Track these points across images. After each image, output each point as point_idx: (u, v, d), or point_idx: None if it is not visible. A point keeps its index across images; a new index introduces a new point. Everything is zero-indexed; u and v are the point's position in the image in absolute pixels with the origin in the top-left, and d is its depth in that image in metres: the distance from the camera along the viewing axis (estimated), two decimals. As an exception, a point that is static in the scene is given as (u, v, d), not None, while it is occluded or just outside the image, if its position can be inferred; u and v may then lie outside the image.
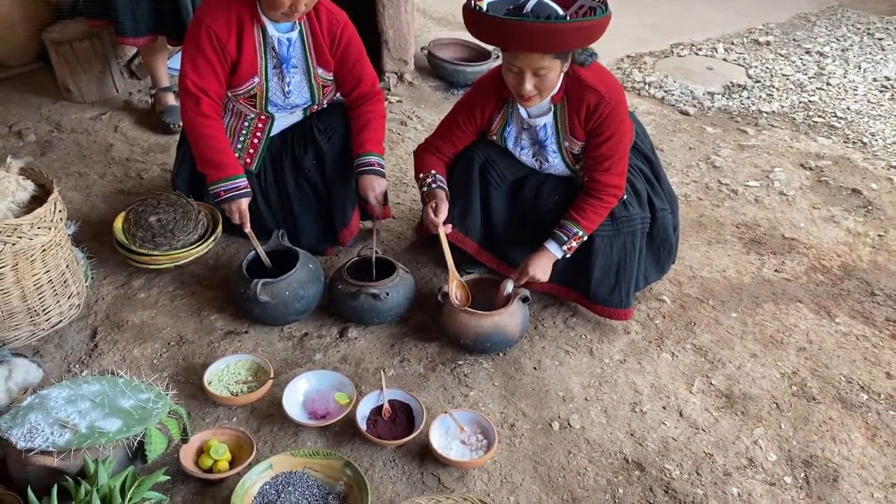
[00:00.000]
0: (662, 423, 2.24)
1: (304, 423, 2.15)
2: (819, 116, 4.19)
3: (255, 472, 1.96)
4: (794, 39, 5.27)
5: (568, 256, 2.43)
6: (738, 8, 5.84)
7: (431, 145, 2.60)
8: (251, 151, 2.72)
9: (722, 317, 2.67)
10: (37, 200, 2.34)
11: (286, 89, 2.58)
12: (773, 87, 4.53)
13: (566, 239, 2.39)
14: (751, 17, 5.66)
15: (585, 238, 2.42)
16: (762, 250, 3.04)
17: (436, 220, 2.44)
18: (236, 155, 2.61)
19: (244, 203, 2.53)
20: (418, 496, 1.88)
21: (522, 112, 2.38)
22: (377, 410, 2.20)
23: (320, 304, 2.60)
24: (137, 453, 1.90)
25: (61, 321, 2.46)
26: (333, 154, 2.73)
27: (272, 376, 2.29)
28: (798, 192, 3.45)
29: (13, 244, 2.18)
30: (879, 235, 3.15)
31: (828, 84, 4.58)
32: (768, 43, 5.19)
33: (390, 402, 2.22)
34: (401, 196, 3.31)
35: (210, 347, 2.46)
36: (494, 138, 2.51)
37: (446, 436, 2.14)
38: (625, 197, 2.44)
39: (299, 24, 2.52)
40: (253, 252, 2.58)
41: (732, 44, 5.17)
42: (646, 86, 4.52)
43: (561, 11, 2.11)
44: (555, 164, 2.47)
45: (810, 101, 4.36)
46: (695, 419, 2.26)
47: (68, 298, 2.46)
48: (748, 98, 4.40)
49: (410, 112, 4.03)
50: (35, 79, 4.09)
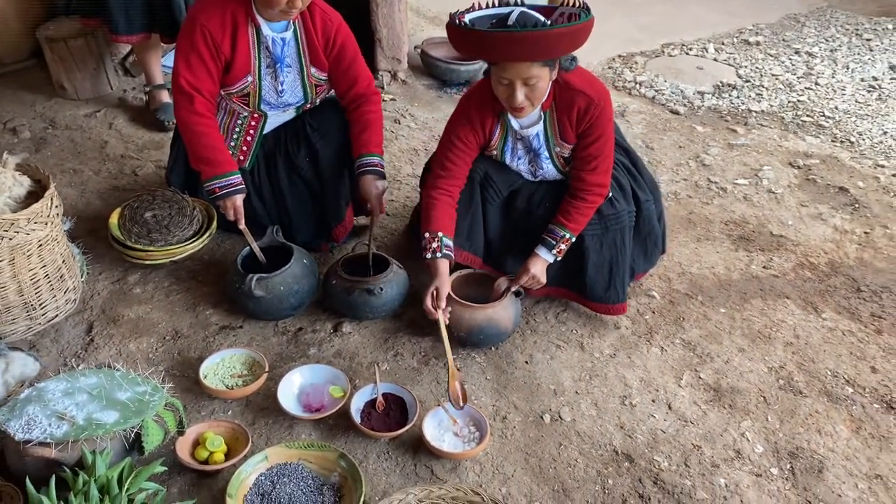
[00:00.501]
0: (651, 416, 2.28)
1: (299, 416, 2.18)
2: (807, 116, 4.24)
3: (251, 464, 1.99)
4: (784, 40, 5.32)
5: (559, 259, 2.47)
6: (729, 8, 5.89)
7: (438, 187, 2.45)
8: (244, 149, 2.75)
9: (710, 312, 2.71)
10: (33, 196, 2.36)
11: (279, 88, 2.61)
12: (763, 87, 4.57)
13: (555, 243, 2.43)
14: (741, 18, 5.71)
15: (574, 240, 2.45)
16: (750, 247, 3.09)
17: (434, 312, 2.34)
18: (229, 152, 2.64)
19: (239, 199, 2.55)
20: (411, 486, 1.91)
21: (514, 123, 2.39)
22: (371, 403, 2.23)
23: (314, 300, 2.63)
24: (134, 445, 1.92)
25: (57, 316, 2.48)
26: (326, 151, 2.75)
27: (267, 370, 2.31)
28: (786, 190, 3.50)
29: (10, 239, 2.20)
30: (866, 233, 3.20)
31: (816, 84, 4.63)
32: (758, 43, 5.24)
33: (384, 396, 2.25)
34: (394, 193, 3.34)
35: (205, 342, 2.48)
36: (495, 153, 2.49)
37: (439, 428, 2.17)
38: (610, 194, 2.48)
39: (293, 24, 2.54)
40: (247, 248, 2.60)
41: (723, 44, 5.22)
42: (637, 85, 4.56)
43: (542, 18, 2.14)
44: (548, 171, 2.50)
45: (799, 101, 4.41)
46: (683, 412, 2.30)
47: (64, 293, 2.48)
48: (738, 97, 4.44)
49: (404, 110, 4.06)
50: (29, 76, 4.10)
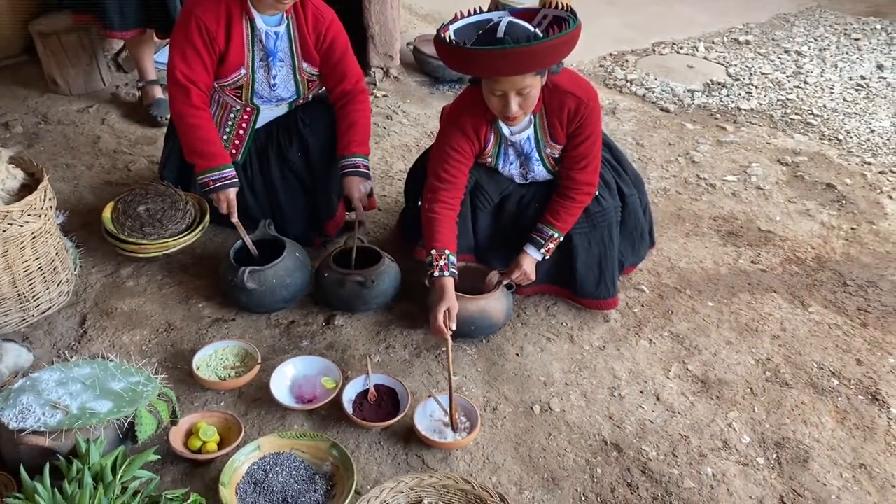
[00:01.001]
0: (640, 407, 2.31)
1: (292, 407, 2.20)
2: (796, 114, 4.28)
3: (244, 453, 2.01)
4: (774, 39, 5.37)
5: (547, 258, 2.50)
6: (719, 7, 5.93)
7: (440, 200, 2.40)
8: (237, 143, 2.76)
9: (699, 306, 2.74)
10: (26, 189, 2.37)
11: (272, 82, 2.62)
12: (752, 86, 4.61)
13: (543, 242, 2.45)
14: (731, 17, 5.76)
15: (562, 238, 2.48)
16: (739, 242, 3.12)
17: (445, 332, 2.25)
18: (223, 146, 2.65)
19: (232, 193, 2.57)
20: (403, 475, 1.93)
21: (505, 130, 2.38)
22: (363, 394, 2.26)
23: (307, 293, 2.65)
24: (128, 434, 1.93)
25: (51, 308, 2.49)
26: (318, 146, 2.78)
27: (259, 362, 2.33)
28: (774, 187, 3.54)
29: (3, 231, 2.21)
30: (852, 228, 3.24)
31: (805, 83, 4.68)
32: (748, 42, 5.28)
33: (376, 387, 2.27)
34: (386, 188, 3.36)
35: (198, 334, 2.50)
36: (489, 160, 2.48)
37: (430, 418, 2.19)
38: (598, 192, 2.50)
39: (287, 19, 2.56)
40: (240, 241, 2.62)
41: (713, 43, 5.26)
42: (627, 83, 4.59)
43: (531, 27, 2.11)
44: (538, 173, 2.51)
45: (788, 99, 4.45)
46: (671, 403, 2.33)
47: (58, 286, 2.49)
48: (727, 96, 4.48)
49: (396, 107, 4.08)
50: (21, 71, 4.10)
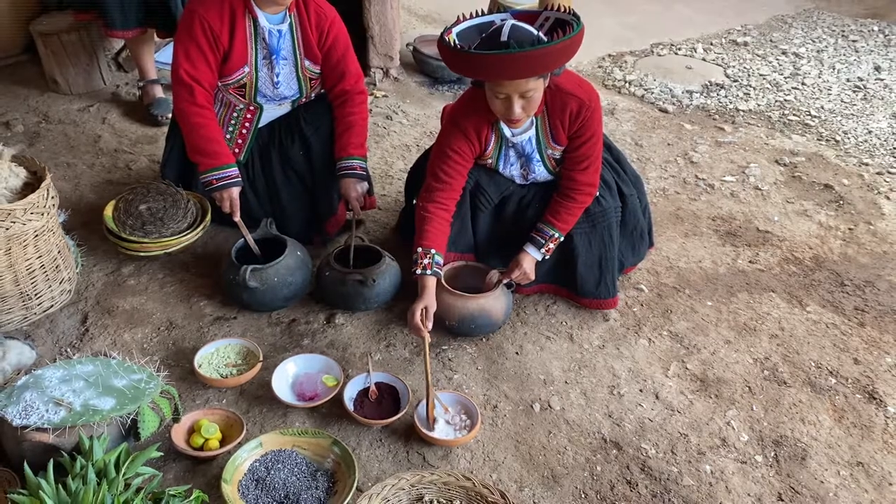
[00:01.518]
0: (639, 405, 2.33)
1: (293, 404, 2.21)
2: (794, 115, 4.30)
3: (246, 450, 2.02)
4: (771, 40, 5.39)
5: (547, 258, 2.51)
6: (717, 9, 5.96)
7: (434, 200, 2.41)
8: (239, 141, 2.77)
9: (697, 305, 2.76)
10: (29, 187, 2.39)
11: (275, 80, 2.64)
12: (750, 87, 4.63)
13: (543, 242, 2.47)
14: (729, 18, 5.78)
15: (562, 239, 2.49)
16: (737, 242, 3.14)
17: (422, 330, 2.28)
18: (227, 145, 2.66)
19: (235, 192, 2.58)
20: (404, 472, 1.94)
21: (507, 132, 2.39)
22: (364, 392, 2.27)
23: (308, 292, 2.66)
24: (130, 431, 1.95)
25: (53, 306, 2.50)
26: (320, 145, 2.79)
27: (261, 359, 2.34)
28: (772, 187, 3.56)
29: (6, 229, 2.22)
30: (850, 229, 3.26)
31: (803, 84, 4.70)
32: (746, 43, 5.30)
33: (377, 385, 2.28)
34: (386, 188, 3.38)
35: (200, 332, 2.51)
36: (489, 161, 2.49)
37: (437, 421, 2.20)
38: (598, 193, 2.51)
39: (289, 17, 2.57)
40: (242, 240, 2.63)
41: (711, 44, 5.28)
42: (626, 84, 4.61)
43: (534, 31, 2.12)
44: (539, 174, 2.52)
45: (786, 100, 4.47)
46: (670, 401, 2.34)
47: (60, 284, 2.50)
48: (726, 97, 4.50)
49: (396, 107, 4.09)
50: (22, 70, 4.11)
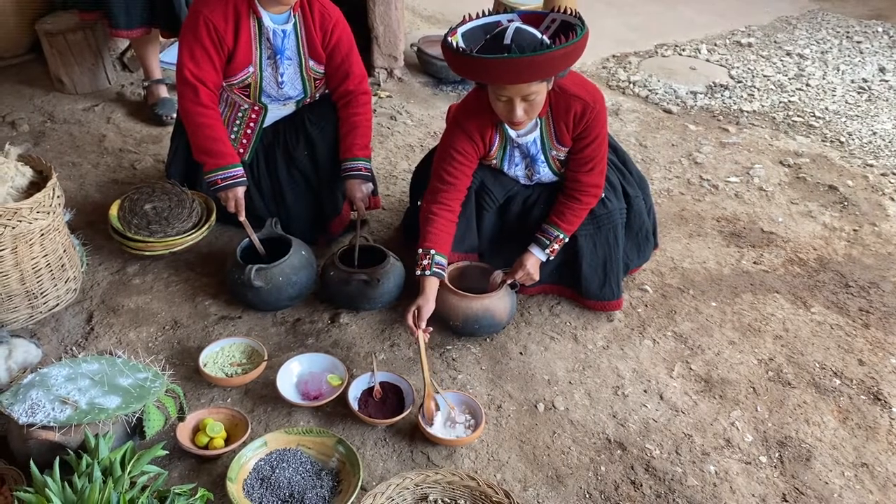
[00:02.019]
0: (643, 406, 2.33)
1: (298, 404, 2.21)
2: (798, 116, 4.29)
3: (251, 449, 2.02)
4: (776, 41, 5.39)
5: (552, 259, 2.51)
6: (721, 10, 5.96)
7: (438, 201, 2.41)
8: (244, 142, 2.78)
9: (702, 306, 2.76)
10: (35, 186, 2.40)
11: (280, 80, 2.64)
12: (755, 88, 4.63)
13: (548, 242, 2.47)
14: (733, 19, 5.78)
15: (567, 240, 2.49)
16: (741, 243, 3.14)
17: (415, 329, 2.28)
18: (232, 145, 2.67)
19: (240, 191, 2.59)
20: (408, 471, 1.94)
21: (511, 133, 2.39)
22: (368, 392, 2.27)
23: (312, 291, 2.67)
24: (136, 430, 1.95)
25: (58, 305, 2.51)
26: (325, 145, 2.79)
27: (266, 359, 2.35)
28: (777, 188, 3.56)
29: (13, 228, 2.23)
30: (854, 230, 3.25)
31: (807, 85, 4.69)
32: (750, 45, 5.30)
33: (381, 384, 2.29)
34: (390, 188, 3.38)
35: (204, 332, 2.52)
36: (494, 162, 2.49)
37: (435, 416, 2.20)
38: (603, 195, 2.52)
39: (294, 17, 2.58)
40: (247, 239, 2.63)
41: (715, 45, 5.28)
42: (630, 85, 4.61)
43: (539, 35, 2.11)
44: (544, 175, 2.52)
45: (790, 102, 4.47)
46: (675, 402, 2.34)
47: (65, 283, 2.51)
48: (730, 97, 4.50)
49: (400, 107, 4.10)
50: (28, 70, 4.13)
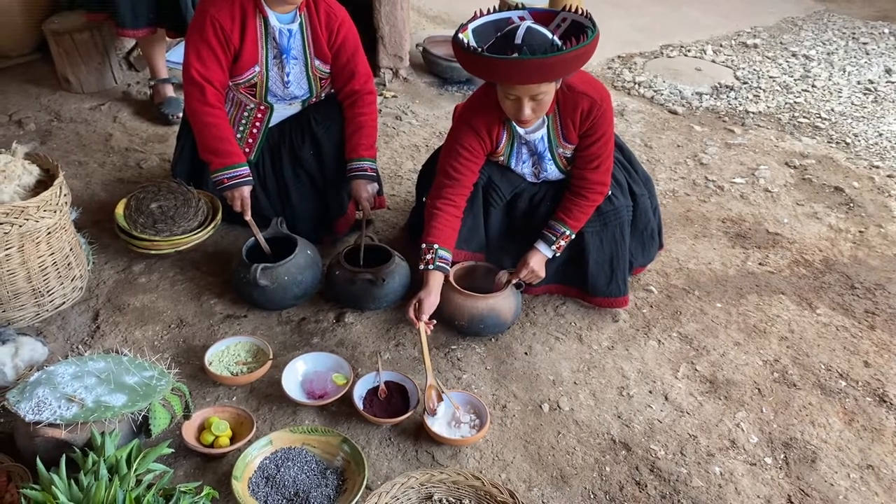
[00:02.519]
0: (648, 407, 2.32)
1: (303, 402, 2.22)
2: (804, 117, 4.29)
3: (256, 448, 2.03)
4: (781, 42, 5.38)
5: (558, 255, 2.51)
6: (726, 11, 5.95)
7: (443, 196, 2.41)
8: (250, 141, 2.79)
9: (707, 307, 2.75)
10: (41, 185, 2.40)
11: (285, 79, 2.65)
12: (760, 89, 4.63)
13: (554, 239, 2.47)
14: (738, 20, 5.77)
15: (573, 236, 2.49)
16: (747, 244, 3.13)
17: (416, 322, 2.31)
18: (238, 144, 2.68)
19: (246, 191, 2.60)
20: (413, 471, 1.95)
21: (520, 129, 2.39)
22: (373, 391, 2.27)
23: (318, 291, 2.67)
24: (142, 428, 1.96)
25: (64, 303, 2.51)
26: (330, 144, 2.80)
27: (271, 357, 2.35)
28: (782, 189, 3.55)
29: (20, 226, 2.24)
30: (860, 232, 3.25)
31: (813, 86, 4.69)
32: (756, 45, 5.29)
33: (386, 384, 2.29)
34: (396, 188, 3.39)
35: (210, 330, 2.52)
36: (501, 159, 2.49)
37: (440, 416, 2.21)
38: (610, 192, 2.52)
39: (300, 16, 2.58)
40: (253, 238, 2.64)
41: (721, 46, 5.27)
42: (636, 85, 4.61)
43: (550, 35, 2.11)
44: (551, 172, 2.52)
45: (796, 103, 4.46)
46: (680, 403, 2.34)
47: (71, 281, 2.51)
48: (735, 98, 4.50)
49: (405, 107, 4.10)
50: (34, 69, 4.14)
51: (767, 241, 3.16)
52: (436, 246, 2.37)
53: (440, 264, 2.36)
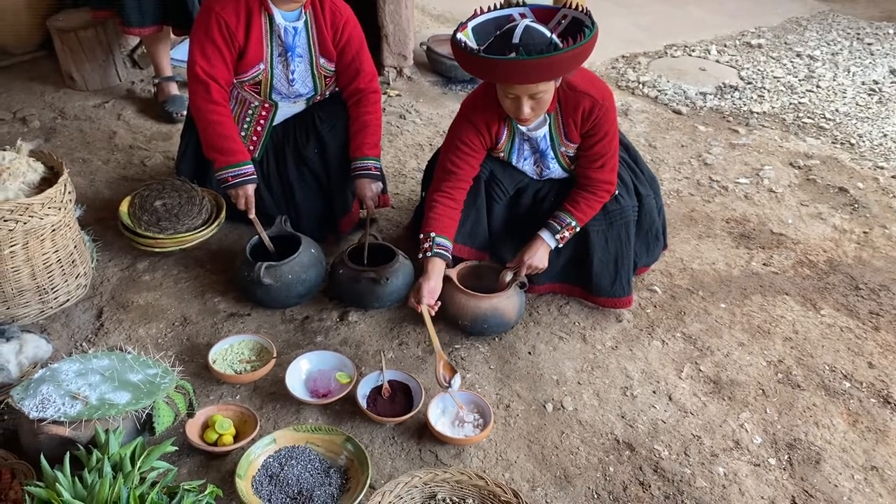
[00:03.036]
0: (652, 407, 2.32)
1: (306, 401, 2.22)
2: (808, 118, 4.28)
3: (260, 446, 2.03)
4: (786, 43, 5.37)
5: (560, 247, 2.50)
6: (731, 11, 5.94)
7: (440, 190, 2.43)
8: (254, 139, 2.79)
9: (711, 307, 2.75)
10: (46, 182, 2.40)
11: (290, 77, 2.65)
12: (765, 89, 4.62)
13: (559, 228, 2.46)
14: (743, 21, 5.76)
15: (578, 229, 2.48)
16: (751, 245, 3.13)
17: (417, 306, 2.31)
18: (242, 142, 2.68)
19: (251, 189, 2.60)
20: (417, 470, 1.94)
21: (522, 127, 2.39)
22: (377, 390, 2.27)
23: (321, 289, 2.67)
24: (146, 425, 1.96)
25: (68, 300, 2.52)
26: (335, 143, 2.80)
27: (275, 356, 2.35)
28: (787, 190, 3.54)
29: (24, 223, 2.24)
30: (864, 232, 3.24)
31: (817, 87, 4.68)
32: (760, 46, 5.28)
33: (389, 382, 2.29)
34: (399, 187, 3.38)
35: (214, 328, 2.52)
36: (502, 154, 2.50)
37: (444, 415, 2.21)
38: (616, 192, 2.51)
39: (305, 14, 2.58)
40: (257, 237, 2.64)
41: (725, 46, 5.27)
42: (640, 85, 4.60)
43: (548, 33, 2.10)
44: (554, 170, 2.52)
45: (800, 103, 4.46)
46: (683, 403, 2.34)
47: (76, 278, 2.51)
48: (740, 98, 4.49)
49: (409, 106, 4.10)
50: (39, 66, 4.15)
51: (771, 242, 3.15)
52: (433, 234, 2.38)
53: (438, 251, 2.36)
